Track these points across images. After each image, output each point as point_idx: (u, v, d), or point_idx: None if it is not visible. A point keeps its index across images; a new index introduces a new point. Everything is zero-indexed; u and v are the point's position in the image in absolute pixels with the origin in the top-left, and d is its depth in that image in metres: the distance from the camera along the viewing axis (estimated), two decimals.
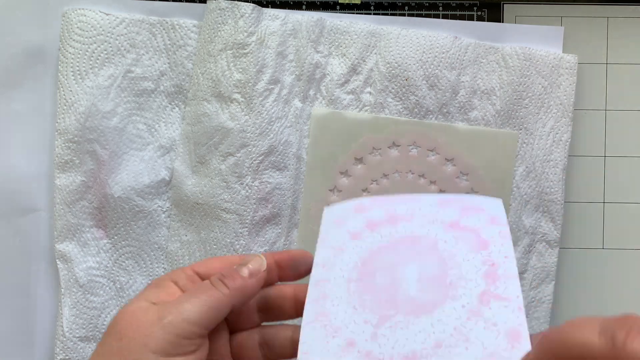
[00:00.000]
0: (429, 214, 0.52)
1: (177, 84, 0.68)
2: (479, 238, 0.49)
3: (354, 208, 0.54)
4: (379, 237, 0.51)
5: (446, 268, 0.48)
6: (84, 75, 0.66)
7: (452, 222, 0.51)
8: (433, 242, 0.50)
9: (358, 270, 0.49)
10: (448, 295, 0.46)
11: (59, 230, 0.66)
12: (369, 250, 0.50)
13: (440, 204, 0.53)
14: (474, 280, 0.47)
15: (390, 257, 0.50)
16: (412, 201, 0.53)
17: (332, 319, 0.47)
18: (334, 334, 0.47)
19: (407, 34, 0.68)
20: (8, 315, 0.67)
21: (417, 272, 0.48)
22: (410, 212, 0.53)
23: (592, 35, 0.71)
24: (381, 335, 0.46)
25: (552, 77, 0.69)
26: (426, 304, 0.46)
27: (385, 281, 0.48)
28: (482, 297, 0.46)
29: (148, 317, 0.43)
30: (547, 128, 0.69)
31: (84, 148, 0.65)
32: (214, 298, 0.45)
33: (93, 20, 0.66)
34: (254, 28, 0.66)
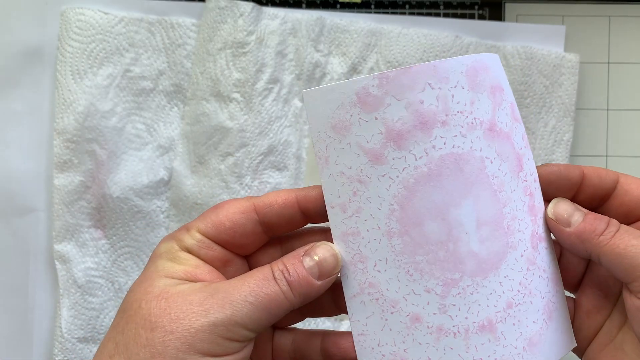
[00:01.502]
0: (463, 104, 0.40)
1: (176, 83, 0.67)
2: (514, 150, 0.41)
3: (356, 97, 0.40)
4: (412, 161, 0.39)
5: (499, 205, 0.40)
6: (82, 74, 0.65)
7: (490, 122, 0.40)
8: (480, 163, 0.40)
9: (397, 218, 0.40)
10: (508, 243, 0.41)
11: (58, 230, 0.66)
12: (404, 185, 0.40)
13: (468, 73, 0.40)
14: (523, 220, 0.42)
15: (436, 192, 0.40)
16: (433, 76, 0.39)
17: (383, 289, 0.40)
18: (392, 310, 0.40)
19: (408, 32, 0.68)
20: (6, 316, 0.67)
21: (475, 217, 0.40)
22: (442, 102, 0.40)
23: (593, 34, 0.71)
24: (450, 305, 0.40)
25: (554, 77, 0.68)
26: (491, 259, 0.40)
27: (439, 231, 0.40)
28: (532, 240, 0.42)
29: (189, 307, 0.37)
30: (549, 127, 0.68)
31: (83, 148, 0.65)
32: (273, 299, 0.38)
33: (91, 19, 0.66)
34: (254, 27, 0.66)
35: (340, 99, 0.40)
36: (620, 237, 0.39)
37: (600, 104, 0.71)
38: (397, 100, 0.39)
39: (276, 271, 0.39)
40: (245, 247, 0.42)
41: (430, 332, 0.40)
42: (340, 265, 0.40)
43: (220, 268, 0.42)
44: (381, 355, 0.41)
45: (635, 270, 0.38)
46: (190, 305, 0.37)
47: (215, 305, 0.37)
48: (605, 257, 0.39)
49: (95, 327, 0.66)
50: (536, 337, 0.42)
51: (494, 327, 0.41)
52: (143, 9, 0.67)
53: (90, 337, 0.66)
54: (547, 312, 0.42)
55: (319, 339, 0.43)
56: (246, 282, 0.38)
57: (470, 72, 0.39)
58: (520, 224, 0.41)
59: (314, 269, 0.39)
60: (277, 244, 0.44)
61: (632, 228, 0.40)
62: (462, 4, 0.70)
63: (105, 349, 0.38)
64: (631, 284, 0.39)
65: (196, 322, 0.36)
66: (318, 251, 0.40)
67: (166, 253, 0.41)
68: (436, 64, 0.39)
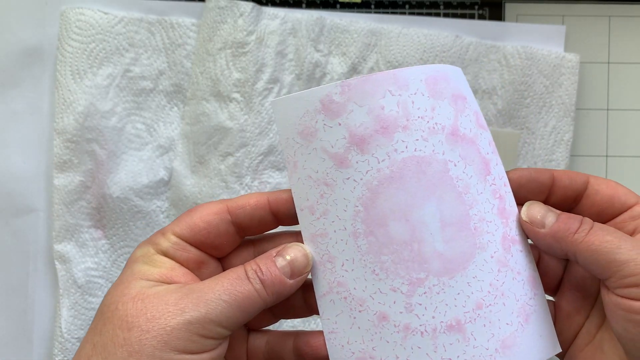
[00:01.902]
0: (424, 110, 0.42)
1: (176, 83, 0.67)
2: (480, 155, 0.43)
3: (320, 104, 0.41)
4: (375, 164, 0.41)
5: (465, 206, 0.42)
6: (82, 74, 0.65)
7: (452, 127, 0.42)
8: (443, 166, 0.42)
9: (362, 219, 0.41)
10: (476, 244, 0.42)
11: (57, 230, 0.66)
12: (367, 187, 0.41)
13: (428, 81, 0.42)
14: (493, 222, 0.42)
15: (399, 194, 0.41)
16: (393, 83, 0.41)
17: (351, 288, 0.41)
18: (360, 308, 0.41)
19: (408, 32, 0.68)
20: (6, 316, 0.67)
21: (439, 218, 0.41)
22: (403, 108, 0.41)
23: (593, 34, 0.71)
24: (416, 304, 0.41)
25: (554, 77, 0.68)
26: (458, 259, 0.41)
27: (403, 232, 0.41)
28: (504, 242, 0.43)
29: (165, 307, 0.38)
30: (549, 128, 0.68)
31: (83, 148, 0.65)
32: (246, 297, 0.39)
33: (91, 19, 0.66)
34: (254, 27, 0.66)
35: (306, 107, 0.41)
36: (595, 234, 0.40)
37: (600, 104, 0.71)
38: (359, 106, 0.41)
39: (249, 271, 0.40)
40: (220, 248, 0.44)
41: (397, 330, 0.41)
42: (311, 265, 0.42)
43: (195, 270, 0.43)
44: (351, 352, 0.42)
45: (611, 265, 0.39)
46: (166, 305, 0.38)
47: (190, 304, 0.38)
48: (581, 254, 0.40)
49: None
50: (510, 340, 0.42)
51: (462, 328, 0.41)
52: (143, 9, 0.67)
53: None
54: (522, 314, 0.43)
55: (292, 338, 0.44)
56: (220, 282, 0.39)
57: (430, 81, 0.42)
58: (489, 226, 0.42)
59: (286, 268, 0.41)
60: (250, 246, 0.45)
61: (605, 225, 0.41)
62: (462, 4, 0.70)
63: (84, 350, 0.38)
64: (608, 280, 0.40)
65: (172, 320, 0.37)
66: (290, 251, 0.41)
67: (142, 257, 0.42)
68: (396, 72, 0.41)
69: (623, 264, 0.38)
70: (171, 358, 0.37)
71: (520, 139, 0.68)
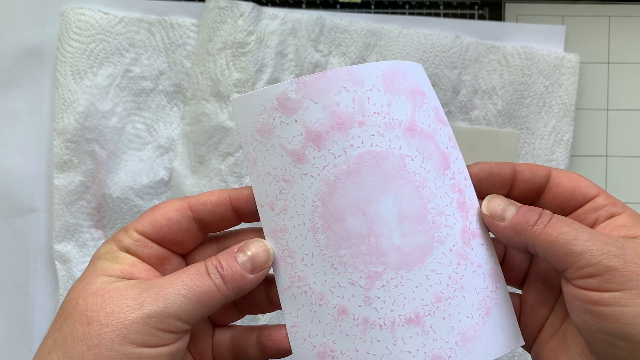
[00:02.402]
0: (380, 105, 0.42)
1: (176, 83, 0.67)
2: (439, 149, 0.43)
3: (277, 101, 0.42)
4: (332, 159, 0.41)
5: (423, 200, 0.42)
6: (82, 74, 0.65)
7: (410, 123, 0.42)
8: (400, 161, 0.42)
9: (320, 214, 0.42)
10: (434, 237, 0.42)
11: (58, 230, 0.66)
12: (325, 182, 0.42)
13: (384, 77, 0.42)
14: (452, 215, 0.43)
15: (355, 189, 0.41)
16: (348, 80, 0.42)
17: (310, 282, 0.42)
18: (320, 302, 0.42)
19: (408, 32, 0.68)
20: (6, 316, 0.67)
21: (396, 211, 0.42)
22: (358, 104, 0.42)
23: (593, 35, 0.71)
24: (375, 298, 0.41)
25: (554, 77, 0.68)
26: (416, 252, 0.42)
27: (360, 226, 0.41)
28: (463, 235, 0.43)
29: (124, 302, 0.38)
30: (549, 128, 0.68)
31: (83, 148, 0.65)
32: (206, 292, 0.39)
33: (92, 19, 0.66)
34: (254, 27, 0.66)
35: (263, 104, 0.42)
36: (553, 225, 0.40)
37: (600, 104, 0.71)
38: (314, 103, 0.41)
39: (210, 266, 0.40)
40: (182, 245, 0.44)
41: (356, 324, 0.42)
42: (272, 260, 0.42)
43: (158, 266, 0.43)
44: (312, 346, 0.42)
45: (568, 257, 0.39)
46: (125, 300, 0.38)
47: (149, 298, 0.38)
48: (540, 246, 0.41)
49: None
50: (471, 332, 0.42)
51: (421, 320, 0.42)
52: (143, 9, 0.67)
53: None
54: (483, 307, 0.43)
55: (255, 332, 0.45)
56: (180, 277, 0.40)
57: (386, 77, 0.42)
58: (448, 219, 0.42)
59: (246, 263, 0.41)
60: (214, 243, 0.45)
61: (565, 217, 0.42)
62: (462, 4, 0.70)
63: (45, 345, 0.39)
64: (566, 271, 0.40)
65: (130, 314, 0.38)
66: (251, 247, 0.42)
67: (105, 254, 0.42)
68: (351, 68, 0.42)
69: (579, 255, 0.39)
70: (130, 352, 0.37)
71: (520, 139, 0.68)
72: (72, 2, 0.67)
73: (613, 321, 0.38)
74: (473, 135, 0.68)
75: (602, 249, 0.39)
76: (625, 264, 0.38)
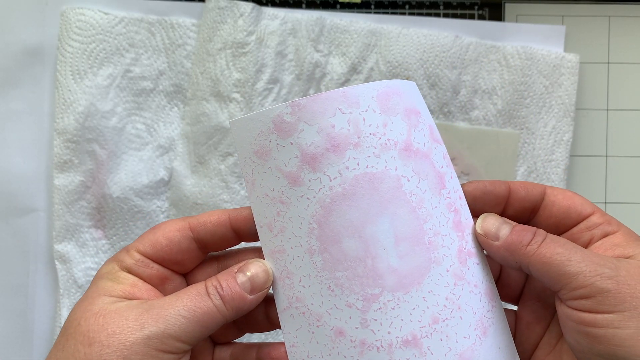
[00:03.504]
0: (375, 126, 0.42)
1: (176, 84, 0.68)
2: (435, 169, 0.43)
3: (273, 124, 0.42)
4: (327, 182, 0.41)
5: (419, 221, 0.42)
6: (82, 74, 0.65)
7: (406, 143, 0.42)
8: (396, 182, 0.42)
9: (317, 236, 0.42)
10: (431, 259, 0.42)
11: (58, 230, 0.66)
12: (320, 204, 0.42)
13: (379, 98, 0.42)
14: (448, 235, 0.43)
15: (351, 211, 0.41)
16: (343, 101, 0.42)
17: (308, 304, 0.42)
18: (318, 323, 0.42)
19: (408, 33, 0.68)
20: (6, 316, 0.67)
21: (393, 233, 0.42)
22: (354, 126, 0.42)
23: (593, 35, 0.71)
24: (372, 320, 0.42)
25: (554, 77, 0.68)
26: (413, 274, 0.42)
27: (356, 248, 0.41)
28: (460, 255, 0.43)
29: (125, 323, 0.39)
30: (549, 128, 0.68)
31: (83, 148, 0.65)
32: (206, 313, 0.40)
33: (92, 19, 0.66)
34: (254, 27, 0.66)
35: (260, 127, 0.42)
36: (547, 246, 0.40)
37: (600, 104, 0.71)
38: (309, 125, 0.41)
39: (210, 287, 0.41)
40: (182, 264, 0.44)
41: (353, 345, 0.42)
42: (271, 280, 0.43)
43: (159, 285, 0.44)
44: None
45: (561, 278, 0.40)
46: (126, 321, 0.39)
47: (149, 320, 0.39)
48: (534, 267, 0.41)
49: None
50: (468, 353, 0.42)
51: (419, 342, 0.42)
52: (143, 9, 0.67)
53: None
54: (480, 327, 0.43)
55: (255, 350, 0.46)
56: (180, 298, 0.40)
57: (381, 97, 0.42)
58: (444, 240, 0.42)
59: (246, 284, 0.42)
60: (214, 262, 0.46)
61: (558, 237, 0.42)
62: (462, 4, 0.70)
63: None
64: (560, 292, 0.40)
65: (131, 336, 0.38)
66: (250, 267, 0.42)
67: (107, 274, 0.43)
68: (346, 90, 0.41)
69: (572, 276, 0.39)
70: None
71: (520, 139, 0.68)
72: (72, 2, 0.67)
73: (606, 343, 0.38)
74: (473, 135, 0.68)
75: (595, 270, 0.39)
76: (619, 286, 0.39)
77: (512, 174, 0.68)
